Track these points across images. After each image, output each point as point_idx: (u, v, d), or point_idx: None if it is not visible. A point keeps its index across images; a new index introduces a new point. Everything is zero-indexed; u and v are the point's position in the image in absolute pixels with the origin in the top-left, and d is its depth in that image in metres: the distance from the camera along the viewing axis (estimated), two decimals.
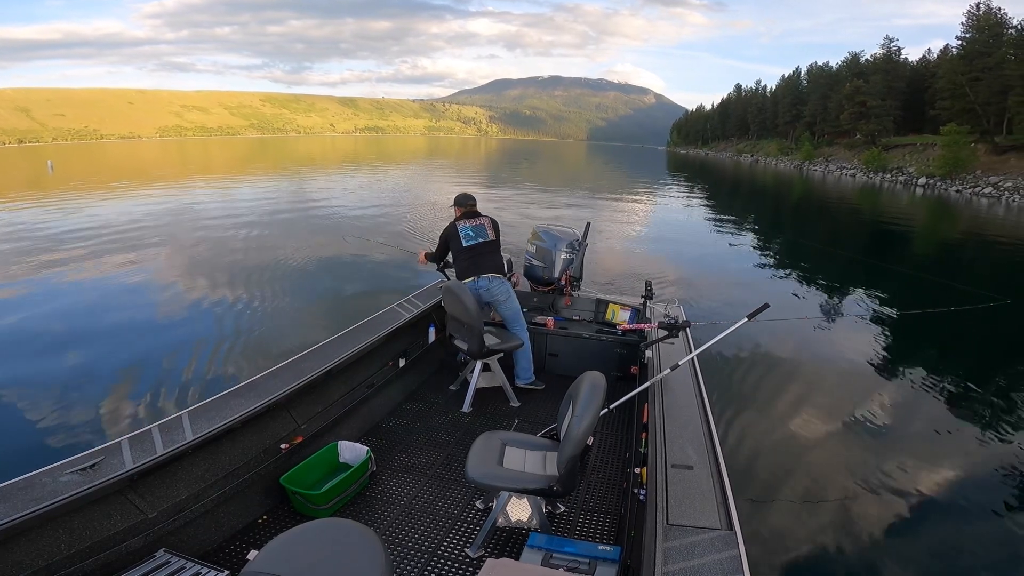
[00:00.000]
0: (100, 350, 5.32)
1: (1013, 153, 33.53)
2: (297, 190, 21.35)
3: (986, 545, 2.97)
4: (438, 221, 12.28)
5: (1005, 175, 31.45)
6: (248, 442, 2.37)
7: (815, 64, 66.32)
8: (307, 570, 1.28)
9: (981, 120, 37.59)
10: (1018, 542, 2.97)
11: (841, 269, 9.86)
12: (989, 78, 37.15)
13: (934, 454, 3.85)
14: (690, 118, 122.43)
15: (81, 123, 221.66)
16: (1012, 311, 6.32)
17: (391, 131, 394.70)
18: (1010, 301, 4.00)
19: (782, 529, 2.97)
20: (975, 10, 41.45)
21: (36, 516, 1.61)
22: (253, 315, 6.38)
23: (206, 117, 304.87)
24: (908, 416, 4.37)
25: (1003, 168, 32.75)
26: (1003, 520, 3.13)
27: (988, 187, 30.42)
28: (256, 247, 10.07)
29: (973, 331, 6.41)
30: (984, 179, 31.97)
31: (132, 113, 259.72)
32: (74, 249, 9.73)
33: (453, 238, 3.66)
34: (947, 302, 3.79)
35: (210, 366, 4.96)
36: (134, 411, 4.12)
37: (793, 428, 4.13)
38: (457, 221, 3.69)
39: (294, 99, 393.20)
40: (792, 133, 65.88)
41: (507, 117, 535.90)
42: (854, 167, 45.31)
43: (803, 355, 5.52)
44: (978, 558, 2.88)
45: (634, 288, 5.28)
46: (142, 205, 16.26)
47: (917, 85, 48.60)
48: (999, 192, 29.19)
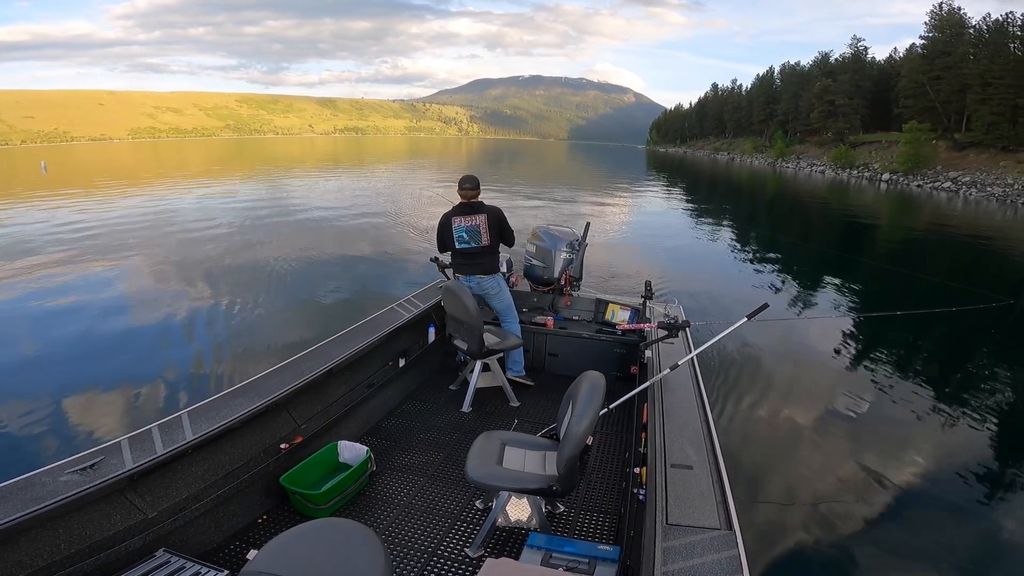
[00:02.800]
0: (100, 350, 5.32)
1: (972, 149, 35.49)
2: (293, 192, 21.36)
3: (987, 545, 2.97)
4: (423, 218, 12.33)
5: (963, 170, 33.39)
6: (248, 442, 2.37)
7: (787, 64, 67.88)
8: (307, 570, 1.28)
9: (941, 118, 39.16)
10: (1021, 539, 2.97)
11: (840, 269, 9.86)
12: (949, 77, 38.73)
13: (934, 454, 3.84)
14: (669, 117, 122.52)
15: (51, 125, 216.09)
16: (1013, 311, 6.33)
17: (371, 131, 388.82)
18: (1012, 301, 3.99)
19: (782, 529, 2.97)
20: (938, 10, 42.94)
21: (36, 516, 1.61)
22: (253, 315, 6.38)
23: (180, 118, 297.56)
24: (908, 416, 4.37)
25: (962, 164, 34.62)
26: (1004, 520, 3.13)
27: (947, 182, 32.16)
28: (256, 248, 10.07)
29: (974, 331, 6.41)
30: (944, 174, 33.77)
31: (103, 115, 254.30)
32: (72, 250, 9.74)
33: (446, 231, 3.57)
34: (947, 302, 3.79)
35: (210, 366, 4.97)
36: (134, 411, 4.12)
37: (793, 428, 4.14)
38: (452, 216, 3.54)
39: (272, 100, 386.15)
40: (767, 131, 66.99)
41: (488, 117, 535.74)
42: (823, 164, 47.32)
43: (803, 355, 5.52)
44: (978, 558, 2.89)
45: (633, 288, 5.29)
46: (143, 206, 16.26)
47: (884, 84, 50.08)
48: (957, 187, 30.81)
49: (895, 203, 24.84)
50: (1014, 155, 32.35)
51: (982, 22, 39.85)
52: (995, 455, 3.88)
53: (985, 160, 33.85)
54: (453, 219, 3.54)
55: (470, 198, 3.53)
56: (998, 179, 30.11)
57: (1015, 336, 6.29)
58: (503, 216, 3.57)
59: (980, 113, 35.46)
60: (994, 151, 34.03)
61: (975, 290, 8.08)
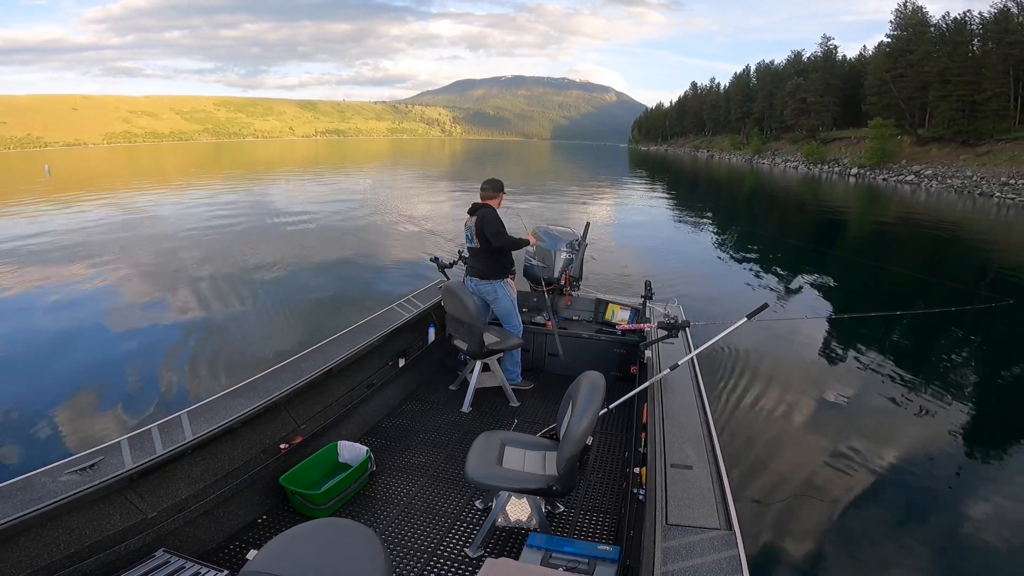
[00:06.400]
0: (100, 350, 5.33)
1: (934, 144, 37.32)
2: (293, 192, 21.37)
3: (987, 544, 2.96)
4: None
5: (926, 164, 35.27)
6: (247, 442, 2.37)
7: (763, 63, 69.36)
8: (307, 570, 1.28)
9: (905, 114, 40.67)
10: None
11: (839, 269, 9.87)
12: (911, 75, 40.22)
13: (935, 453, 3.84)
14: (650, 115, 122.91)
15: (24, 131, 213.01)
16: (1013, 311, 6.32)
17: (353, 134, 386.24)
18: (1012, 301, 3.98)
19: (781, 529, 2.97)
20: (903, 8, 44.04)
21: (35, 516, 1.61)
22: (253, 316, 6.38)
23: (157, 123, 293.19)
24: (908, 415, 4.37)
25: (925, 158, 36.46)
26: (1007, 519, 3.12)
27: (911, 175, 33.75)
28: (256, 248, 10.07)
29: (974, 331, 6.41)
30: (908, 168, 35.50)
31: (77, 119, 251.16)
32: (70, 250, 9.74)
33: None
34: (948, 302, 3.79)
35: (210, 367, 4.96)
36: (134, 411, 4.12)
37: (793, 428, 4.13)
38: (469, 214, 3.60)
39: (251, 103, 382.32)
40: (744, 129, 68.13)
41: (471, 117, 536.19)
42: (797, 160, 49.07)
43: (803, 355, 5.52)
44: (979, 556, 2.88)
45: (633, 288, 5.28)
46: (146, 206, 16.27)
47: (854, 81, 51.22)
48: (919, 179, 32.62)
49: (864, 196, 25.90)
50: (973, 149, 34.13)
51: (942, 21, 41.17)
52: (995, 455, 3.88)
53: (947, 154, 35.50)
54: (467, 220, 3.60)
55: (482, 199, 3.54)
56: (958, 171, 31.68)
57: (1016, 336, 6.28)
58: (488, 214, 3.44)
59: (941, 109, 37.00)
60: (955, 145, 35.67)
61: (976, 290, 8.11)
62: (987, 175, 29.11)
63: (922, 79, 38.88)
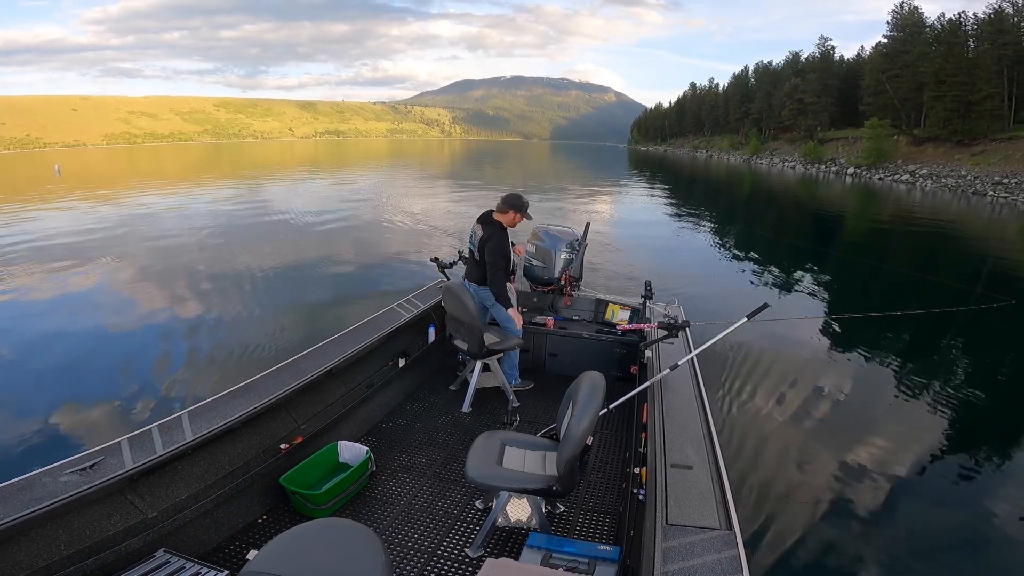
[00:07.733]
0: (100, 351, 5.33)
1: (930, 144, 37.86)
2: (292, 194, 21.37)
3: (988, 544, 2.96)
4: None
5: (922, 163, 35.84)
6: (248, 442, 2.37)
7: (761, 63, 69.74)
8: (307, 570, 1.28)
9: (901, 114, 41.24)
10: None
11: (837, 268, 9.87)
12: (907, 75, 40.68)
13: (935, 453, 3.84)
14: (649, 116, 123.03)
15: (23, 131, 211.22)
16: (1014, 311, 6.31)
17: (352, 134, 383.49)
18: (1015, 302, 3.99)
19: (781, 529, 2.96)
20: (899, 9, 44.59)
21: (35, 516, 1.61)
22: (253, 316, 6.38)
23: (156, 123, 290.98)
24: (908, 415, 4.37)
25: (921, 157, 37.00)
26: (1007, 518, 3.12)
27: (906, 175, 34.31)
28: (257, 249, 10.07)
29: (974, 331, 6.41)
30: (904, 167, 36.03)
31: (76, 120, 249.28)
32: (72, 249, 9.74)
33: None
34: (946, 302, 3.79)
35: (210, 367, 4.96)
36: (134, 411, 4.12)
37: (793, 428, 4.13)
38: (477, 220, 3.59)
39: (250, 104, 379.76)
40: (742, 129, 68.39)
41: (471, 118, 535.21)
42: (794, 159, 49.55)
43: (803, 355, 5.51)
44: (980, 555, 2.88)
45: (632, 288, 5.28)
46: (149, 207, 16.28)
47: (851, 81, 51.46)
48: (915, 179, 33.14)
49: (860, 195, 26.12)
50: (968, 148, 34.57)
51: (937, 22, 41.69)
52: (996, 454, 3.87)
53: (942, 154, 35.98)
54: (475, 225, 3.55)
55: (495, 211, 3.48)
56: (952, 171, 32.08)
57: (1018, 335, 6.28)
58: (496, 242, 3.34)
59: (936, 109, 37.51)
60: (950, 145, 36.13)
61: (976, 290, 8.10)
62: (981, 175, 29.52)
63: (918, 80, 39.37)
